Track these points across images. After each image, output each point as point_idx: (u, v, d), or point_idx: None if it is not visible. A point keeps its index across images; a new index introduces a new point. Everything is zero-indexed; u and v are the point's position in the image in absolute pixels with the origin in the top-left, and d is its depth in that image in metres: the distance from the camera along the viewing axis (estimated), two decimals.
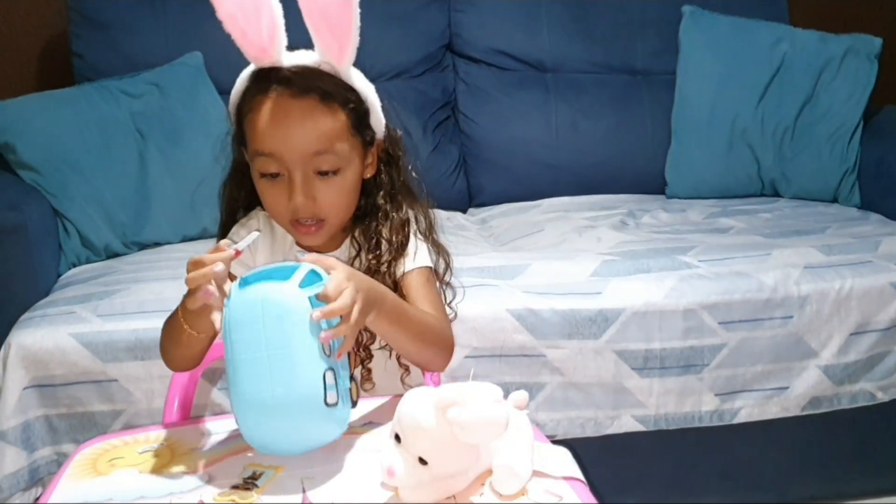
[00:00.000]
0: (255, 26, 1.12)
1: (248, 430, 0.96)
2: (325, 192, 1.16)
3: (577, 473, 0.96)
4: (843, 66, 2.49)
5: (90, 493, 0.95)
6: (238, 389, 0.94)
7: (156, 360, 1.68)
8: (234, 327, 0.94)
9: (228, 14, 1.11)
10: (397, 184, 1.26)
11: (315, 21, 1.12)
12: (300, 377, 0.93)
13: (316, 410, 0.93)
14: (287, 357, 0.93)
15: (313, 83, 1.13)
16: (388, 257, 1.22)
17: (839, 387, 1.91)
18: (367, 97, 1.19)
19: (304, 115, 1.13)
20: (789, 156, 2.49)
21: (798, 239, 2.08)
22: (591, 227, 2.25)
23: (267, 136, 1.13)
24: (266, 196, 1.18)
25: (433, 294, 1.23)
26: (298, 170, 1.14)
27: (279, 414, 0.93)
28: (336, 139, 1.15)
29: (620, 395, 1.83)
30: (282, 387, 0.92)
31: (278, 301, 0.93)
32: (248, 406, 0.94)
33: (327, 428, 0.96)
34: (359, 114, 1.18)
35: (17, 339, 1.68)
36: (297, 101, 1.13)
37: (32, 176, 2.07)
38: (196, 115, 2.26)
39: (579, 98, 2.62)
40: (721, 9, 2.62)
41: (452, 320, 1.27)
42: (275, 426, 0.94)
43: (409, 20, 2.57)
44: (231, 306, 0.95)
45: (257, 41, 1.13)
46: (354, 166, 1.19)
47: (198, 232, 2.22)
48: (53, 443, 1.71)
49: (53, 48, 2.62)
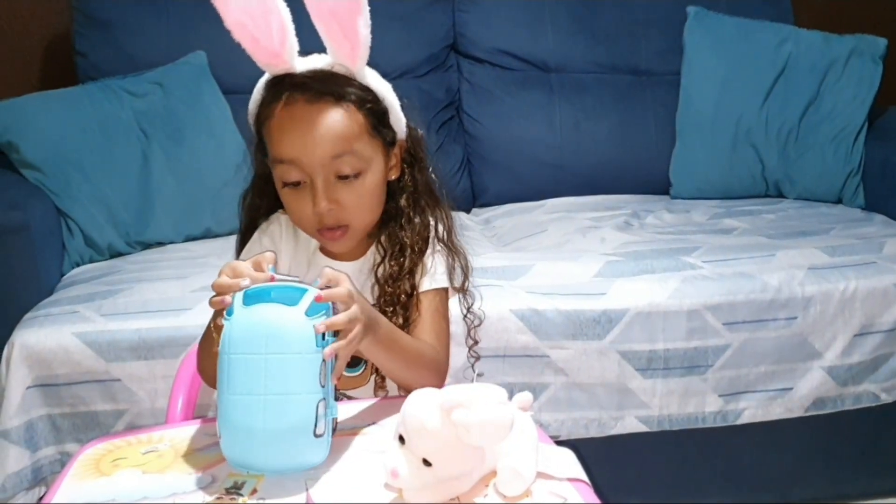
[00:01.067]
0: (266, 32, 1.10)
1: (230, 450, 0.95)
2: (347, 195, 1.14)
3: (581, 475, 0.96)
4: (848, 67, 2.49)
5: (93, 493, 0.95)
6: (227, 410, 0.94)
7: (159, 359, 1.70)
8: (233, 345, 0.93)
9: (237, 22, 1.10)
10: (420, 185, 1.25)
11: (325, 23, 1.11)
12: (294, 410, 0.92)
13: (304, 440, 0.93)
14: (284, 390, 0.92)
15: (328, 86, 1.13)
16: (410, 264, 1.21)
17: (843, 388, 1.91)
18: (384, 97, 1.18)
19: (320, 119, 1.12)
20: (793, 157, 2.49)
21: (802, 240, 2.07)
22: (594, 227, 2.25)
23: (285, 143, 1.13)
24: (290, 205, 1.17)
25: (439, 320, 1.23)
26: (319, 175, 1.13)
27: (266, 441, 0.93)
28: (355, 141, 1.13)
29: (624, 395, 1.83)
30: (274, 418, 0.92)
31: (283, 330, 0.92)
32: (236, 430, 0.93)
33: (311, 455, 0.96)
34: (377, 114, 1.16)
35: (21, 339, 1.68)
36: (312, 106, 1.12)
37: (36, 175, 2.07)
38: (199, 114, 2.26)
39: (583, 98, 2.61)
40: (725, 9, 2.62)
41: (478, 325, 1.30)
42: (258, 451, 0.94)
43: (413, 20, 2.57)
44: (234, 323, 0.94)
45: (269, 47, 1.12)
46: (377, 168, 1.17)
47: (201, 231, 2.22)
48: (57, 442, 1.71)
49: (57, 47, 2.63)
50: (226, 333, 0.94)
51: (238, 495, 0.92)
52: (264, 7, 1.10)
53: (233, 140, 2.27)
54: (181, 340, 1.69)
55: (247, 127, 1.78)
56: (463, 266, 1.27)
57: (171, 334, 1.70)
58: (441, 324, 1.24)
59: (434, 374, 1.18)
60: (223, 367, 0.94)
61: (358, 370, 1.26)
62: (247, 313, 0.93)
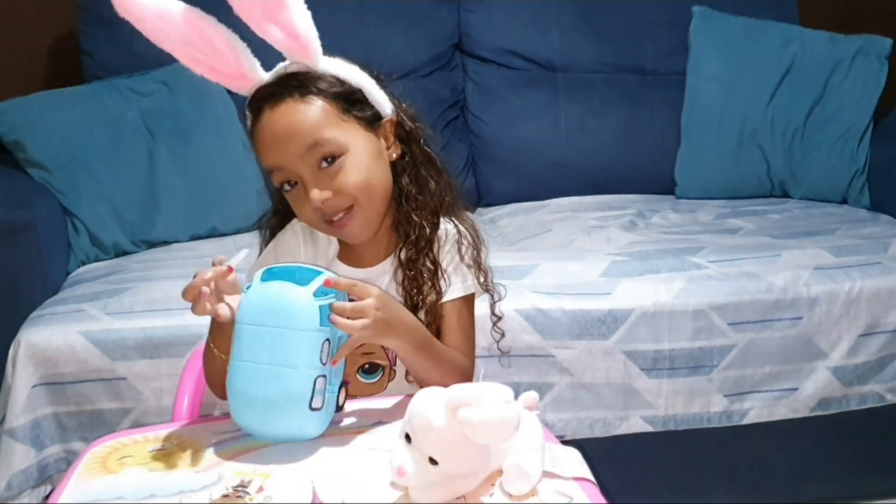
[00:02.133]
0: (220, 57, 1.15)
1: (234, 413, 1.03)
2: (336, 178, 1.16)
3: (587, 474, 0.96)
4: (854, 67, 2.48)
5: (100, 490, 0.95)
6: (233, 375, 1.01)
7: (164, 358, 1.70)
8: (245, 315, 1.01)
9: (189, 57, 1.15)
10: (419, 158, 1.25)
11: (262, 26, 1.12)
12: (292, 382, 0.99)
13: (300, 412, 1.00)
14: (285, 362, 0.99)
15: (286, 86, 1.16)
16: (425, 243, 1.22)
17: (848, 388, 1.91)
18: (350, 79, 1.19)
19: (286, 118, 1.15)
20: (799, 157, 2.49)
21: (807, 240, 2.07)
22: (600, 227, 2.25)
23: (265, 153, 1.17)
24: (295, 206, 1.20)
25: (466, 327, 1.26)
26: (302, 169, 1.15)
27: (265, 407, 1.00)
28: (324, 128, 1.15)
29: (629, 395, 1.83)
30: (273, 387, 0.99)
31: (290, 304, 1.00)
32: (239, 395, 1.01)
33: (306, 426, 1.02)
34: (343, 96, 1.18)
35: (27, 337, 1.69)
36: (277, 109, 1.15)
37: (42, 174, 2.07)
38: (205, 113, 2.26)
39: (588, 98, 2.61)
40: (731, 9, 2.62)
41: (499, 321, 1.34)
42: (257, 417, 1.01)
43: (418, 20, 2.58)
44: (249, 295, 1.02)
45: (228, 71, 1.16)
46: (359, 146, 1.18)
47: (206, 230, 2.22)
48: (62, 440, 1.71)
49: (63, 46, 2.63)
50: (242, 303, 1.02)
51: (244, 493, 0.93)
52: (204, 36, 1.13)
53: (238, 139, 2.27)
54: (187, 339, 1.69)
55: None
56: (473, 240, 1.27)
57: (177, 333, 1.70)
58: (468, 326, 1.26)
59: (463, 380, 1.19)
60: (236, 334, 1.02)
61: (375, 377, 1.26)
62: (262, 288, 1.01)
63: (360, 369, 1.25)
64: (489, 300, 1.32)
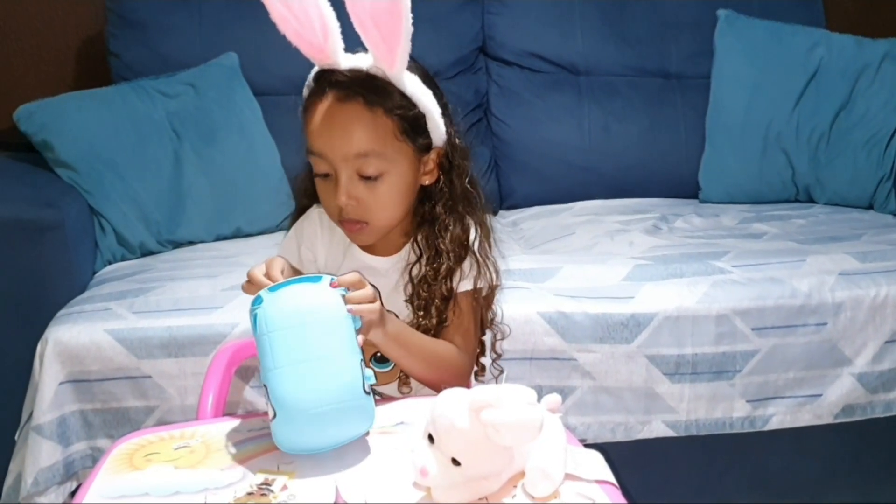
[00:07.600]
0: (308, 27, 1.16)
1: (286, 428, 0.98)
2: (367, 194, 1.19)
3: (609, 477, 0.96)
4: (881, 71, 2.46)
5: (127, 487, 0.96)
6: (276, 386, 0.98)
7: (189, 357, 1.71)
8: (270, 324, 0.99)
9: (281, 16, 1.16)
10: (457, 192, 1.26)
11: (364, 25, 1.14)
12: (341, 368, 0.98)
13: (356, 397, 0.98)
14: (327, 352, 0.98)
15: (361, 88, 1.17)
16: (446, 271, 1.23)
17: (873, 395, 1.89)
18: (420, 102, 1.21)
19: (347, 119, 1.16)
20: (824, 161, 2.47)
21: (833, 245, 2.05)
22: (623, 230, 2.25)
23: (315, 137, 1.18)
24: (321, 194, 1.23)
25: (466, 322, 1.26)
26: (343, 170, 1.17)
27: (318, 402, 0.96)
28: (379, 143, 1.17)
29: (651, 400, 1.83)
30: (323, 378, 0.97)
31: (317, 298, 1.01)
32: (289, 404, 0.97)
33: (365, 413, 1.00)
34: (408, 119, 1.19)
35: (54, 335, 1.70)
36: (343, 105, 1.16)
37: (69, 174, 2.09)
38: (231, 115, 2.28)
39: (612, 101, 2.61)
40: (756, 13, 2.61)
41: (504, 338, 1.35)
42: (311, 419, 0.96)
43: (442, 22, 2.58)
44: (266, 306, 1.00)
45: (312, 41, 1.17)
46: (401, 171, 1.20)
47: (231, 231, 2.24)
48: (88, 437, 1.73)
49: (91, 48, 2.66)
50: (260, 317, 1.00)
51: (268, 492, 0.93)
52: (303, 3, 1.15)
53: (264, 141, 2.29)
54: (211, 338, 1.70)
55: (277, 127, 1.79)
56: (489, 278, 1.27)
57: (202, 332, 1.72)
58: (468, 326, 1.26)
59: (453, 375, 1.21)
60: (263, 348, 0.99)
61: (388, 366, 1.29)
62: (275, 296, 1.01)
63: (373, 357, 1.27)
64: (491, 337, 1.34)
